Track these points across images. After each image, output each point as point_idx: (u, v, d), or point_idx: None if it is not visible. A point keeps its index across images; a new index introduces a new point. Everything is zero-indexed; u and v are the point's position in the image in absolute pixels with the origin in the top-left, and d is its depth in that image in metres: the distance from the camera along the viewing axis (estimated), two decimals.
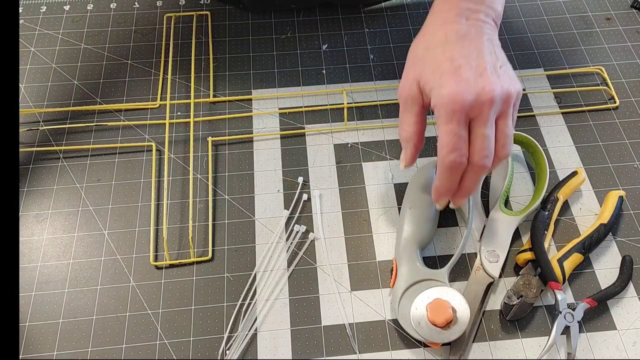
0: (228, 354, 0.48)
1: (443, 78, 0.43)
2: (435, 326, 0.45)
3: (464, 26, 0.46)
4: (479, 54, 0.44)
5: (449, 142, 0.42)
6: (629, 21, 0.70)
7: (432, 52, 0.45)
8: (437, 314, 0.44)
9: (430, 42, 0.46)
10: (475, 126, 0.43)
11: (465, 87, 0.42)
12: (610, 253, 0.53)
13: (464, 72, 0.43)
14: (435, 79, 0.43)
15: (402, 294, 0.48)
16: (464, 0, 0.47)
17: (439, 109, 0.43)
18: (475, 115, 0.43)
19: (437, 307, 0.45)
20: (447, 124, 0.42)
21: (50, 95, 0.63)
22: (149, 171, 0.58)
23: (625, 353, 0.48)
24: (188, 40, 0.68)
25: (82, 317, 0.50)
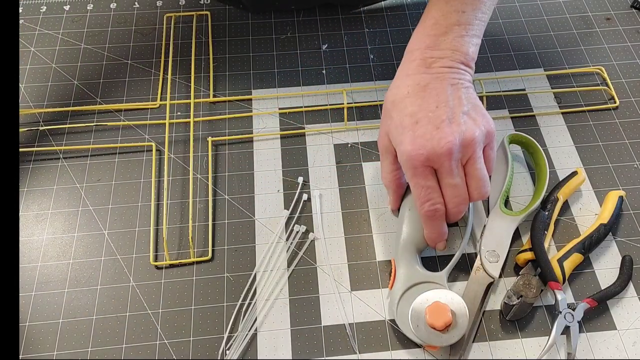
0: (228, 354, 0.48)
1: (403, 135, 0.45)
2: (434, 329, 0.45)
3: (426, 76, 0.47)
4: (439, 104, 0.45)
5: (419, 195, 0.45)
6: (629, 21, 0.70)
7: (397, 106, 0.47)
8: (436, 318, 0.44)
9: (396, 95, 0.47)
10: (441, 177, 0.45)
11: (421, 143, 0.44)
12: (610, 253, 0.53)
13: (420, 127, 0.44)
14: (397, 135, 0.46)
15: (401, 296, 0.48)
16: (427, 48, 0.48)
17: (403, 165, 0.46)
18: (437, 167, 0.45)
19: (436, 310, 0.45)
20: (412, 178, 0.45)
21: (50, 95, 0.63)
22: (149, 171, 0.58)
23: (625, 353, 0.48)
24: (188, 40, 0.68)
25: (82, 317, 0.50)
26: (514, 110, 0.62)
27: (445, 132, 0.44)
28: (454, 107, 0.45)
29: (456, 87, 0.46)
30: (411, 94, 0.46)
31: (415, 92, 0.46)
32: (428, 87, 0.46)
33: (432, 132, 0.44)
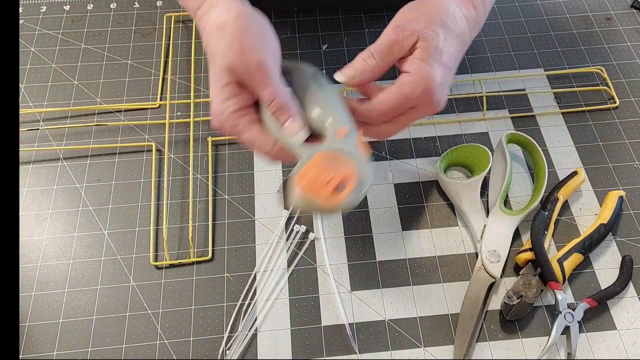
0: (228, 354, 0.48)
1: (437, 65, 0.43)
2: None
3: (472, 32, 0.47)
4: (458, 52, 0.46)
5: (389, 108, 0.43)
6: (629, 21, 0.70)
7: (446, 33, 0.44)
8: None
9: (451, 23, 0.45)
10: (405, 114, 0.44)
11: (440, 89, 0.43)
12: (610, 253, 0.53)
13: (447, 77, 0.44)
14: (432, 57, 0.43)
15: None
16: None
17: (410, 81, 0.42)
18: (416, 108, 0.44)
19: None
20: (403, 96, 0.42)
21: (50, 95, 0.63)
22: (149, 171, 0.58)
23: (625, 353, 0.48)
24: (188, 40, 0.68)
25: (82, 317, 0.50)
26: (514, 110, 0.62)
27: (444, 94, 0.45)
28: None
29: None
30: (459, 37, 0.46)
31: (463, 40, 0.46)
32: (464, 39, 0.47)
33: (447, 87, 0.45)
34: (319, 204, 0.37)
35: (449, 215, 0.55)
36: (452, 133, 0.61)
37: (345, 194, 0.36)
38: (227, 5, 0.41)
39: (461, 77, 0.65)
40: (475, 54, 0.67)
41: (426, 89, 0.42)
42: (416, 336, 0.49)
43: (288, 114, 0.40)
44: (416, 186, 0.57)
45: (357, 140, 0.39)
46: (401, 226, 0.55)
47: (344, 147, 0.39)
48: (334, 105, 0.42)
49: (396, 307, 0.50)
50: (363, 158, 0.39)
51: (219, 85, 0.41)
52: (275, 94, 0.40)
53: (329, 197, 0.37)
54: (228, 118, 0.40)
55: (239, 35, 0.39)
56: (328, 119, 0.40)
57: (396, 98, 0.42)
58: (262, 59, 0.39)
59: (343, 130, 0.39)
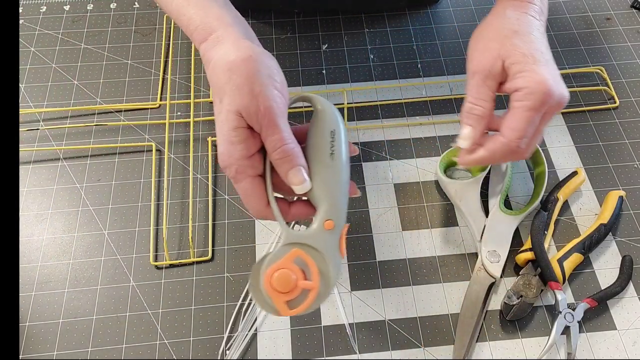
0: (228, 354, 0.48)
1: (536, 65, 0.43)
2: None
3: (543, 25, 0.46)
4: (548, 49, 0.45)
5: (523, 129, 0.42)
6: (629, 21, 0.70)
7: (521, 37, 0.44)
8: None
9: (519, 27, 0.45)
10: (541, 122, 0.43)
11: (556, 84, 0.42)
12: (610, 253, 0.53)
13: (554, 69, 0.43)
14: (527, 63, 0.43)
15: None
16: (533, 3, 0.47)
17: (525, 94, 0.42)
18: (546, 112, 0.43)
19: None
20: (529, 110, 0.42)
21: (50, 95, 0.63)
22: (149, 171, 0.58)
23: (625, 353, 0.48)
24: (188, 40, 0.68)
25: (82, 317, 0.50)
26: None
27: (565, 87, 0.44)
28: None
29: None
30: (536, 33, 0.45)
31: (540, 33, 0.46)
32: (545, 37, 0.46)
33: (559, 80, 0.43)
34: (275, 307, 0.37)
35: (449, 215, 0.55)
36: (452, 133, 0.61)
37: (301, 308, 0.37)
38: (236, 44, 0.40)
39: (461, 77, 0.65)
40: None
41: (545, 93, 0.42)
42: (416, 336, 0.49)
43: (291, 163, 0.39)
44: (416, 186, 0.57)
45: (340, 238, 0.39)
46: (401, 226, 0.55)
47: (323, 244, 0.38)
48: (337, 188, 0.40)
49: (396, 307, 0.50)
50: (337, 259, 0.39)
51: (227, 127, 0.39)
52: (281, 142, 0.38)
53: (284, 303, 0.37)
54: (234, 162, 0.39)
55: (249, 79, 0.39)
56: (323, 202, 0.39)
57: (525, 116, 0.42)
58: (271, 105, 0.38)
59: (330, 224, 0.39)
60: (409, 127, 0.61)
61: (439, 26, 0.70)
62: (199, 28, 0.42)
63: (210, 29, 0.42)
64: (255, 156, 0.40)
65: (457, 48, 0.67)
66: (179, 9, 0.44)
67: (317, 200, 0.39)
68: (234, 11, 0.44)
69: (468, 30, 0.69)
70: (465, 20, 0.70)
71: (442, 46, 0.68)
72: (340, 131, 0.41)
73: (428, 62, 0.66)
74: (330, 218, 0.39)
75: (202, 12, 0.42)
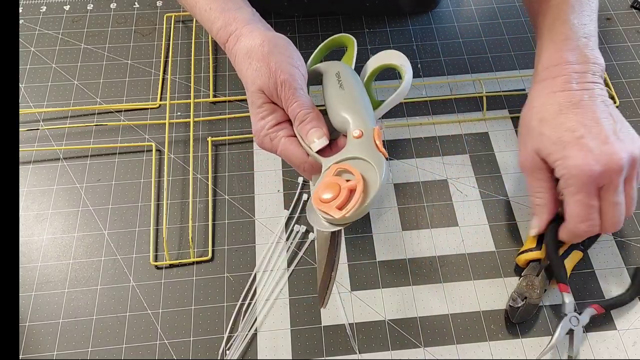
0: (228, 354, 0.48)
1: (567, 150, 0.43)
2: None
3: (577, 93, 0.46)
4: (596, 120, 0.44)
5: (580, 213, 0.44)
6: (629, 21, 0.70)
7: (548, 123, 0.45)
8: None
9: (544, 113, 0.46)
10: (606, 195, 0.44)
11: (592, 157, 0.42)
12: (611, 253, 0.53)
13: (587, 142, 0.43)
14: (558, 150, 0.44)
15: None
16: (570, 64, 0.47)
17: (566, 180, 0.44)
18: (605, 183, 0.43)
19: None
20: (576, 194, 0.43)
21: (50, 95, 0.63)
22: (149, 171, 0.58)
23: (625, 353, 0.48)
24: (188, 40, 0.68)
25: (82, 317, 0.50)
26: (514, 110, 0.62)
27: (616, 148, 0.43)
28: (612, 125, 0.45)
29: (605, 104, 0.46)
30: (564, 110, 0.45)
31: (569, 109, 0.45)
32: (581, 104, 0.45)
33: (600, 147, 0.43)
34: (330, 218, 0.38)
35: (449, 215, 0.55)
36: (452, 133, 0.61)
37: (350, 206, 0.38)
38: (252, 34, 0.45)
39: (461, 77, 0.65)
40: (475, 54, 0.67)
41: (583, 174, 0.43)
42: (416, 336, 0.49)
43: (309, 125, 0.42)
44: (416, 186, 0.57)
45: (374, 140, 0.41)
46: (401, 226, 0.55)
47: (359, 151, 0.40)
48: (352, 104, 0.43)
49: (396, 307, 0.50)
50: (377, 158, 0.40)
51: (255, 107, 0.44)
52: (300, 107, 0.42)
53: (337, 210, 0.38)
54: (266, 133, 0.43)
55: (265, 58, 0.43)
56: (348, 122, 0.42)
57: (575, 201, 0.44)
58: (287, 78, 0.42)
59: (358, 133, 0.41)
60: (409, 127, 0.61)
61: (439, 26, 0.70)
62: (221, 30, 0.47)
63: (230, 30, 0.46)
64: (285, 123, 0.44)
65: (457, 48, 0.67)
66: (202, 13, 0.48)
67: (341, 124, 0.42)
68: (250, 9, 0.48)
69: (468, 30, 0.69)
70: (465, 20, 0.70)
71: (442, 46, 0.68)
72: (345, 70, 0.45)
73: (428, 62, 0.66)
74: (356, 128, 0.41)
75: (222, 15, 0.47)
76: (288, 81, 0.42)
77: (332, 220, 0.39)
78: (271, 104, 0.44)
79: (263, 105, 0.44)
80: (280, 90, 0.42)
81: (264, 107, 0.44)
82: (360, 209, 0.38)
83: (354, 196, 0.38)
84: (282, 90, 0.42)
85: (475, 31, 0.69)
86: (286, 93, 0.42)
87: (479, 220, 0.55)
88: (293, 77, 0.42)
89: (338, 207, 0.38)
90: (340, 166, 0.40)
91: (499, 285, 0.51)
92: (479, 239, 0.54)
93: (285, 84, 0.42)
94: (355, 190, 0.38)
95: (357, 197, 0.37)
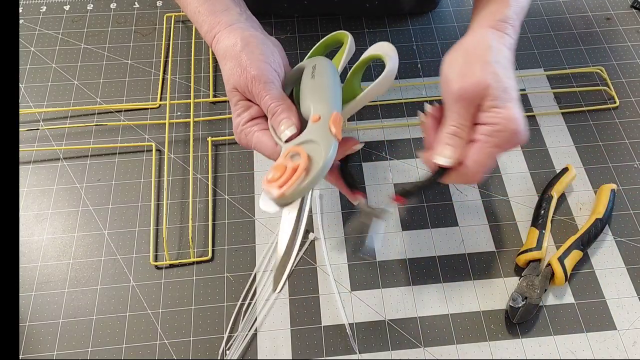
0: (228, 354, 0.48)
1: (512, 104, 0.43)
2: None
3: (513, 58, 0.46)
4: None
5: (487, 165, 0.43)
6: (629, 21, 0.70)
7: (501, 68, 0.44)
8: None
9: (498, 56, 0.45)
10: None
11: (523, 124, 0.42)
12: (610, 253, 0.53)
13: (521, 108, 0.43)
14: (504, 99, 0.43)
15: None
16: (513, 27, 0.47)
17: (496, 130, 0.42)
18: (507, 148, 0.43)
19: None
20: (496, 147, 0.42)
21: (50, 95, 0.63)
22: (149, 171, 0.58)
23: (625, 353, 0.48)
24: (188, 40, 0.68)
25: (82, 317, 0.50)
26: None
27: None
28: None
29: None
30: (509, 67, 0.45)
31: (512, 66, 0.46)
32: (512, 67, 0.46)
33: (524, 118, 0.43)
34: (272, 196, 0.39)
35: (449, 215, 0.55)
36: None
37: (289, 184, 0.38)
38: (230, 35, 0.46)
39: None
40: None
41: (514, 131, 0.42)
42: (416, 336, 0.49)
43: (281, 116, 0.42)
44: None
45: (329, 124, 0.41)
46: (401, 226, 0.55)
47: (313, 134, 0.41)
48: (319, 92, 0.43)
49: (396, 307, 0.50)
50: (327, 140, 0.40)
51: (232, 104, 0.45)
52: (270, 100, 0.43)
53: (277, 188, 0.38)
54: (242, 129, 0.44)
55: (237, 57, 0.44)
56: (309, 106, 0.43)
57: (490, 152, 0.43)
58: (257, 73, 0.43)
59: (315, 116, 0.42)
60: (409, 127, 0.61)
61: (439, 26, 0.70)
62: (207, 33, 0.48)
63: (214, 32, 0.47)
64: (259, 118, 0.45)
65: None
66: (192, 16, 0.50)
67: (307, 112, 0.43)
68: (237, 10, 0.49)
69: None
70: (465, 20, 0.70)
71: (442, 46, 0.68)
72: (322, 62, 0.46)
73: (428, 62, 0.66)
74: (316, 113, 0.42)
75: (208, 19, 0.48)
76: (258, 76, 0.43)
77: (273, 199, 0.39)
78: (245, 101, 0.45)
79: (238, 102, 0.45)
80: (251, 85, 0.43)
81: (239, 104, 0.45)
82: (300, 187, 0.38)
83: (295, 174, 0.38)
84: (252, 85, 0.43)
85: None
86: (257, 87, 0.43)
87: (479, 220, 0.55)
88: (263, 72, 0.43)
89: (279, 185, 0.38)
90: (292, 149, 0.40)
91: (499, 285, 0.52)
92: (479, 239, 0.54)
93: (255, 79, 0.43)
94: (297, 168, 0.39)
95: (297, 175, 0.38)
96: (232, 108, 0.46)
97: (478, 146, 0.43)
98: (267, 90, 0.43)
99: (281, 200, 0.39)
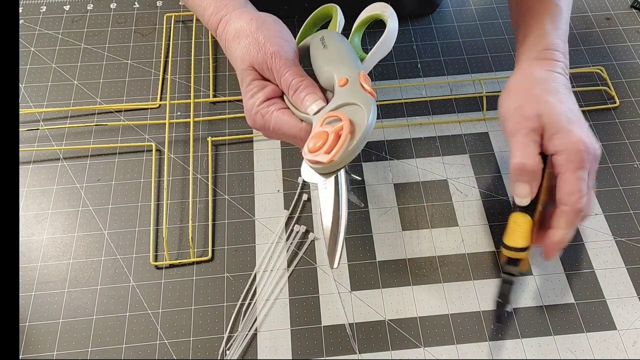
0: (228, 354, 0.48)
1: (571, 125, 0.43)
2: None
3: (566, 80, 0.48)
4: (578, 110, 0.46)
5: (582, 189, 0.43)
6: (629, 21, 0.70)
7: (552, 95, 0.46)
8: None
9: (546, 85, 0.47)
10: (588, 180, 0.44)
11: (590, 141, 0.43)
12: (611, 253, 0.53)
13: (585, 127, 0.44)
14: (562, 122, 0.44)
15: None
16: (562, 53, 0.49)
17: (568, 155, 0.43)
18: (590, 168, 0.44)
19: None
20: (578, 170, 0.43)
21: (50, 95, 0.63)
22: (149, 171, 0.58)
23: (625, 353, 0.48)
24: (188, 40, 0.68)
25: (82, 317, 0.50)
26: None
27: (595, 140, 0.45)
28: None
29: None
30: (563, 91, 0.47)
31: (567, 91, 0.47)
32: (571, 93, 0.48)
33: (591, 136, 0.45)
34: (319, 166, 0.37)
35: (449, 215, 0.55)
36: (452, 133, 0.61)
37: (337, 148, 0.37)
38: (241, 16, 0.45)
39: (461, 77, 0.65)
40: (475, 54, 0.67)
41: (584, 151, 0.43)
42: (416, 336, 0.49)
43: (304, 92, 0.41)
44: (416, 186, 0.57)
45: (360, 84, 0.40)
46: (401, 226, 0.55)
47: (346, 97, 0.39)
48: (336, 57, 0.42)
49: (396, 307, 0.50)
50: (364, 98, 0.39)
51: (245, 85, 0.43)
52: (292, 76, 0.42)
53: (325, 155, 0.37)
54: (257, 110, 0.42)
55: (253, 34, 0.43)
56: (332, 74, 0.41)
57: (576, 177, 0.43)
58: (277, 50, 0.42)
59: (342, 80, 0.40)
60: (409, 127, 0.61)
61: (439, 26, 0.70)
62: (212, 16, 0.47)
63: (221, 14, 0.46)
64: (275, 98, 0.43)
65: (457, 48, 0.67)
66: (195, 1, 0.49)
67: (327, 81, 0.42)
68: None
69: (468, 30, 0.69)
70: (465, 20, 0.70)
71: (442, 46, 0.68)
72: (330, 33, 0.45)
73: (428, 62, 0.66)
74: (341, 76, 0.40)
75: (214, 2, 0.47)
76: (278, 52, 0.42)
77: (322, 168, 0.37)
78: (261, 80, 0.43)
79: (252, 82, 0.43)
80: (270, 62, 0.42)
81: (254, 84, 0.43)
82: (349, 150, 0.37)
83: (341, 138, 0.37)
84: (272, 61, 0.42)
85: (475, 31, 0.69)
86: (277, 64, 0.42)
87: (479, 220, 0.55)
88: (283, 49, 0.42)
89: (326, 151, 0.37)
90: (328, 115, 0.39)
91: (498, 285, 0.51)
92: (479, 239, 0.54)
93: (275, 55, 0.42)
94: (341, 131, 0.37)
95: (343, 137, 0.36)
96: (243, 89, 0.44)
97: (561, 177, 0.44)
98: (287, 66, 0.42)
99: (329, 168, 0.37)
